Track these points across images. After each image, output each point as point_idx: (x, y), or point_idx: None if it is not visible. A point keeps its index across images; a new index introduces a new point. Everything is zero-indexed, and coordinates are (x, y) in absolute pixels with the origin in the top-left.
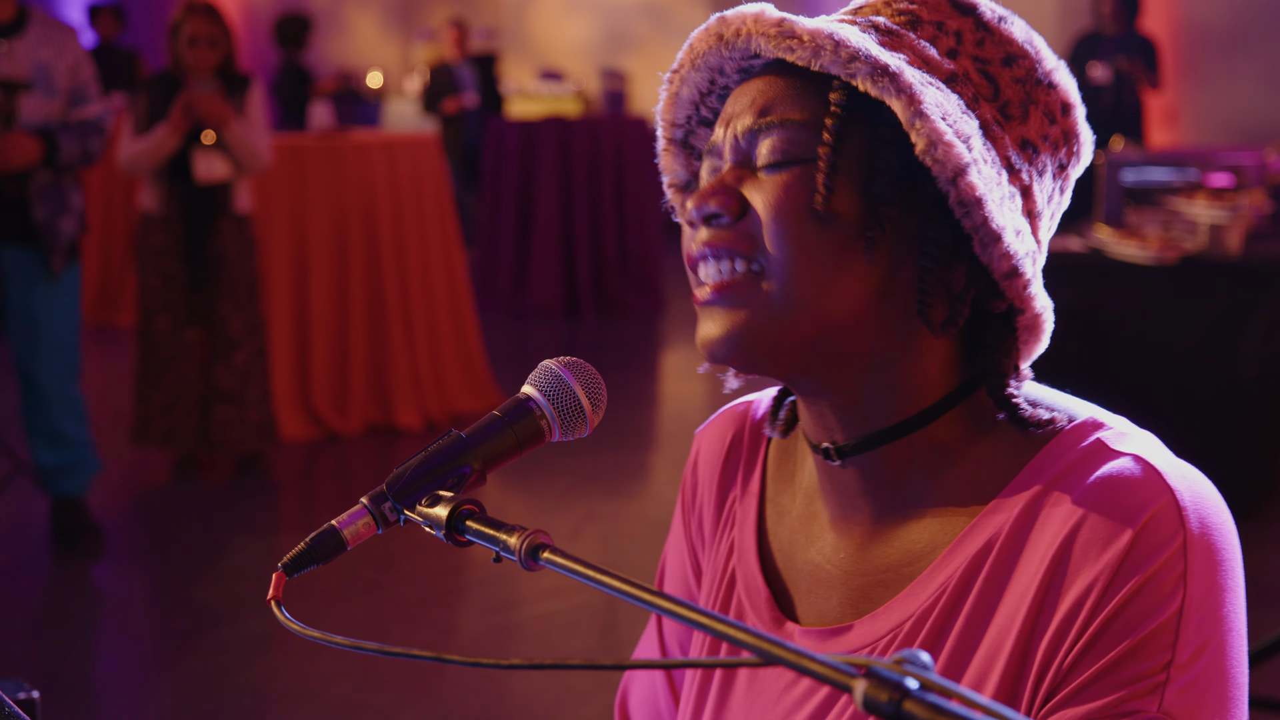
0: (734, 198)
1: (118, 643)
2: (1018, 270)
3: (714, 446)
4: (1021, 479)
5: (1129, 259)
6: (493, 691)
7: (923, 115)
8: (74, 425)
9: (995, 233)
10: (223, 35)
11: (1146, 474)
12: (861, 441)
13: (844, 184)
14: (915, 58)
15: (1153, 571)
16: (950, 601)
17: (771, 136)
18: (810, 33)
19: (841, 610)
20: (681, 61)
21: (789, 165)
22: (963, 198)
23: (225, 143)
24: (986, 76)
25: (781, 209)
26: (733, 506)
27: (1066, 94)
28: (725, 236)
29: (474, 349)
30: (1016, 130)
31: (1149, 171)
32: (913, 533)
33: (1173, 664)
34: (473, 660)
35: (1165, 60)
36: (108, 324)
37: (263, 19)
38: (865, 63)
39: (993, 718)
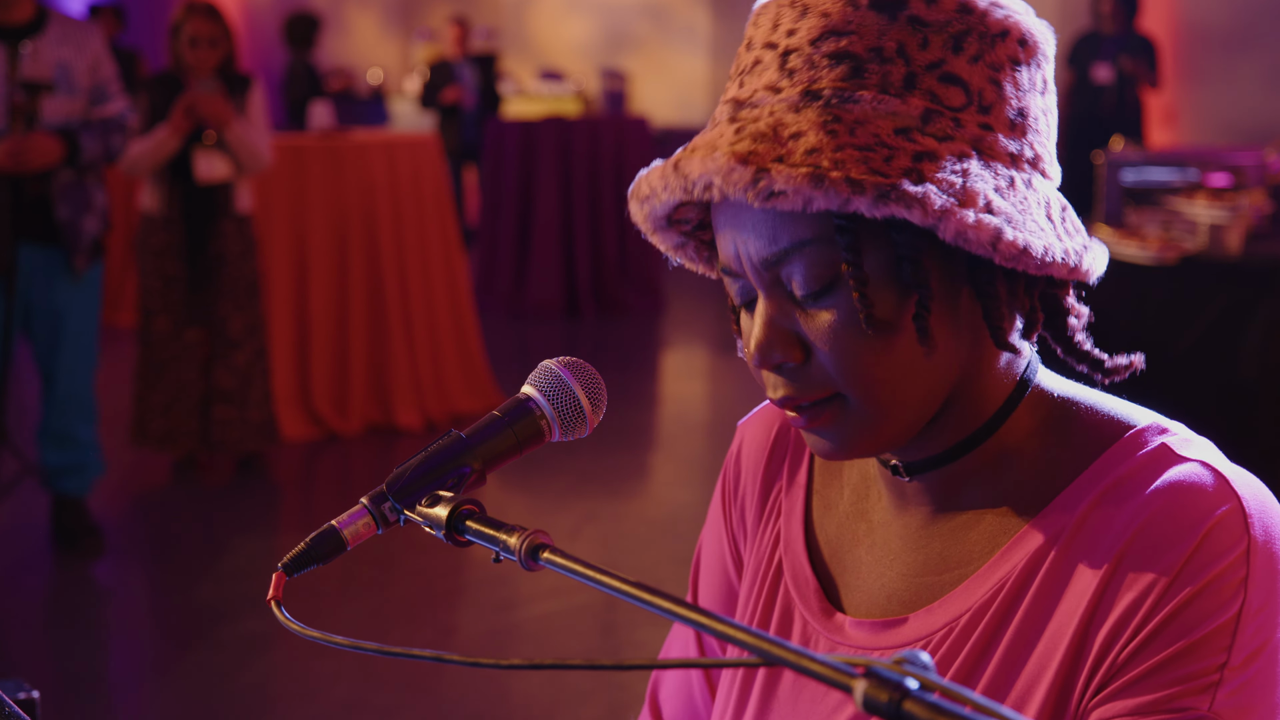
0: (793, 344)
1: (118, 642)
2: (1074, 264)
3: (759, 438)
4: (1084, 480)
5: (1129, 259)
6: (493, 691)
7: (942, 215)
8: (85, 427)
9: (1046, 260)
10: (223, 35)
11: (1213, 479)
12: (931, 460)
13: (879, 286)
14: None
15: (1215, 575)
16: (1009, 597)
17: (793, 264)
18: (790, 185)
19: (894, 604)
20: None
21: (825, 291)
22: (1006, 256)
23: (226, 143)
24: (949, 80)
25: (841, 344)
26: (778, 497)
27: (1016, 27)
28: (800, 384)
29: (474, 349)
30: (1001, 115)
31: (1149, 171)
32: (972, 533)
33: (1227, 665)
34: (473, 660)
35: (1165, 60)
36: (108, 324)
37: (264, 19)
38: (862, 197)
39: (992, 718)
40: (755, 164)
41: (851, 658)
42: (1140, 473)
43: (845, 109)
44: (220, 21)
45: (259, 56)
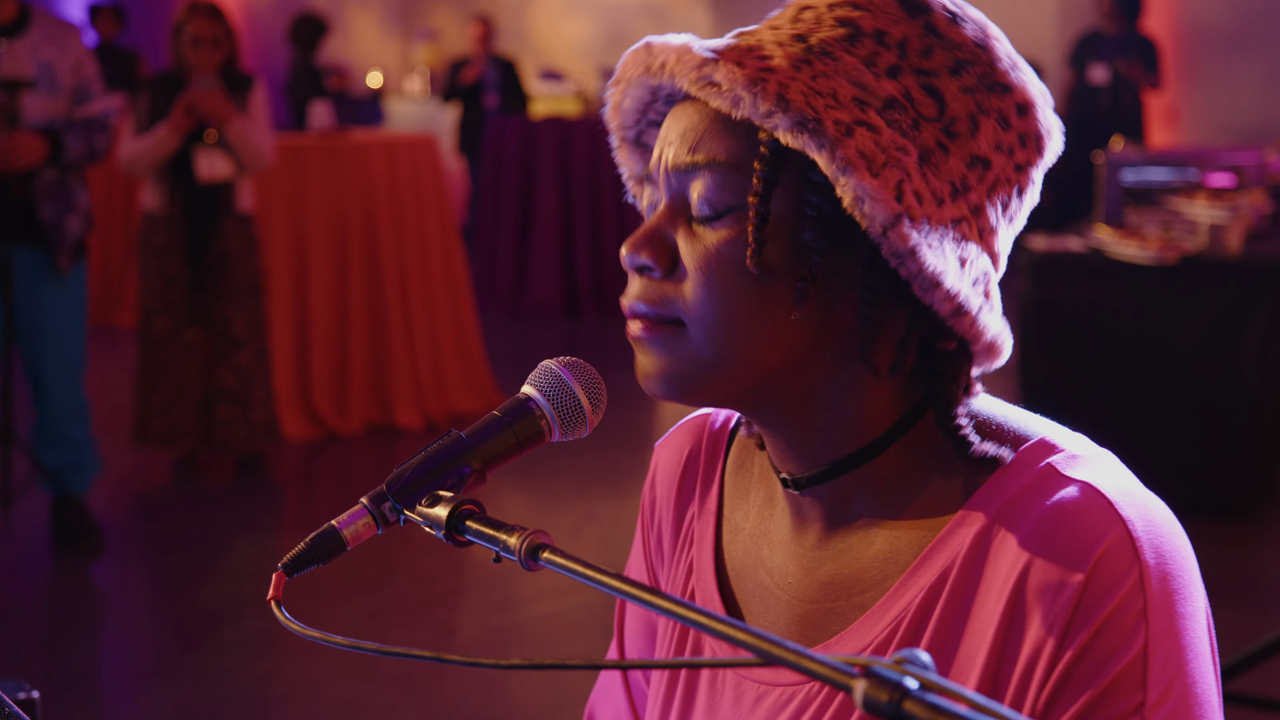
0: (664, 252)
1: (118, 642)
2: (965, 308)
3: (671, 461)
4: (972, 505)
5: (1129, 259)
6: (493, 691)
7: (847, 169)
8: (77, 426)
9: (934, 278)
10: (225, 35)
11: (1097, 504)
12: (816, 475)
13: (775, 233)
14: (849, 85)
15: (1111, 610)
16: (906, 636)
17: (701, 179)
18: (729, 79)
19: (792, 632)
20: (618, 76)
21: (719, 218)
22: (894, 249)
23: (227, 141)
24: (930, 92)
25: (711, 272)
26: (691, 524)
27: (1024, 93)
28: (654, 294)
29: (474, 349)
30: (965, 147)
31: (1149, 171)
32: (863, 560)
33: (1145, 705)
34: (473, 660)
35: (1165, 60)
36: (108, 324)
37: (266, 19)
38: (785, 115)
39: (993, 718)
40: (713, 57)
41: (851, 657)
42: (1026, 497)
43: (822, 59)
44: (222, 21)
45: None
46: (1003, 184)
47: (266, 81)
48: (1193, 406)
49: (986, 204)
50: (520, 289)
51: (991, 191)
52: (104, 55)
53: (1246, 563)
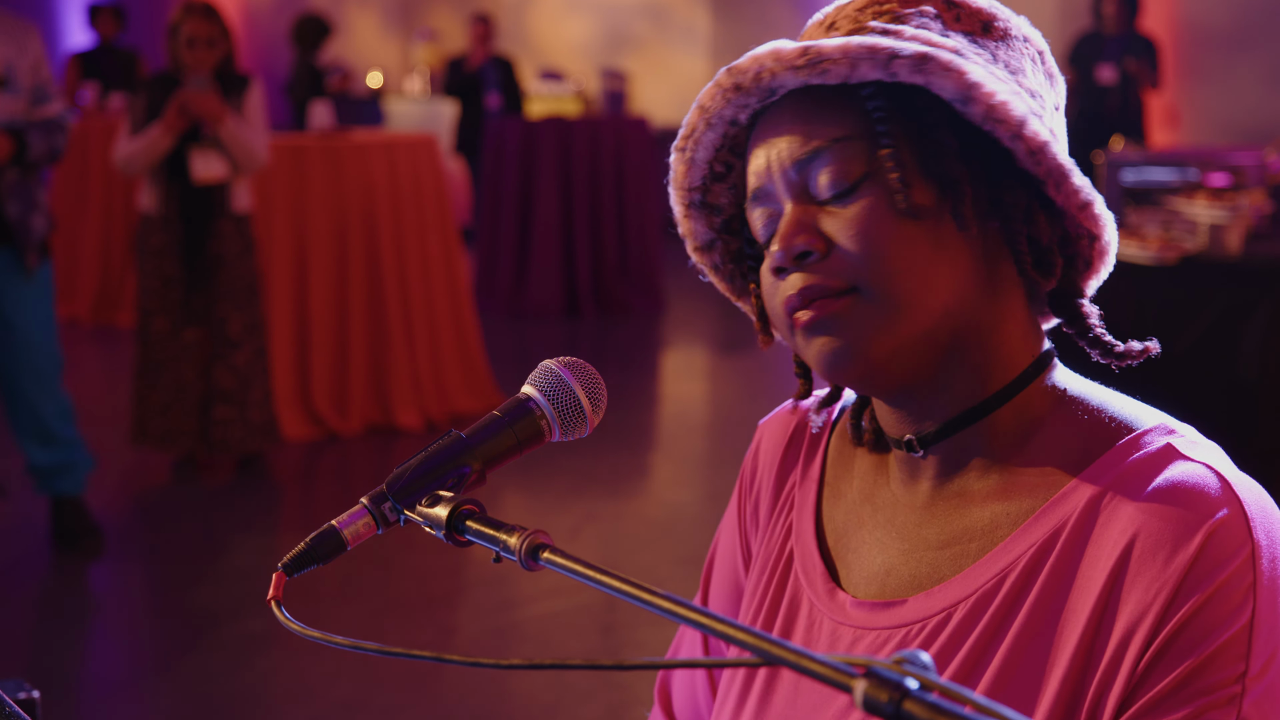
0: (818, 235)
1: (118, 643)
2: (1090, 199)
3: (776, 435)
4: (1090, 473)
5: (1129, 259)
6: (493, 691)
7: (973, 85)
8: (62, 424)
9: (1064, 170)
10: (221, 35)
11: (1215, 482)
12: (943, 428)
13: (914, 177)
14: (931, 37)
15: (1222, 582)
16: (1013, 592)
17: (825, 164)
18: (839, 50)
19: (896, 585)
20: (692, 124)
21: (853, 189)
22: (1030, 147)
23: (221, 141)
24: (978, 44)
25: (868, 233)
26: (792, 491)
27: (1036, 42)
28: (820, 277)
29: (474, 349)
30: (1021, 82)
31: (1149, 171)
32: (974, 512)
33: (1247, 674)
34: (473, 660)
35: (1165, 60)
36: (108, 324)
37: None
38: (904, 58)
39: (992, 718)
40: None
41: (851, 657)
42: (1144, 470)
43: (885, 28)
44: (218, 22)
45: (262, 57)
46: (1056, 115)
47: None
48: (1192, 407)
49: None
50: (520, 289)
51: (1054, 118)
52: (104, 55)
53: None
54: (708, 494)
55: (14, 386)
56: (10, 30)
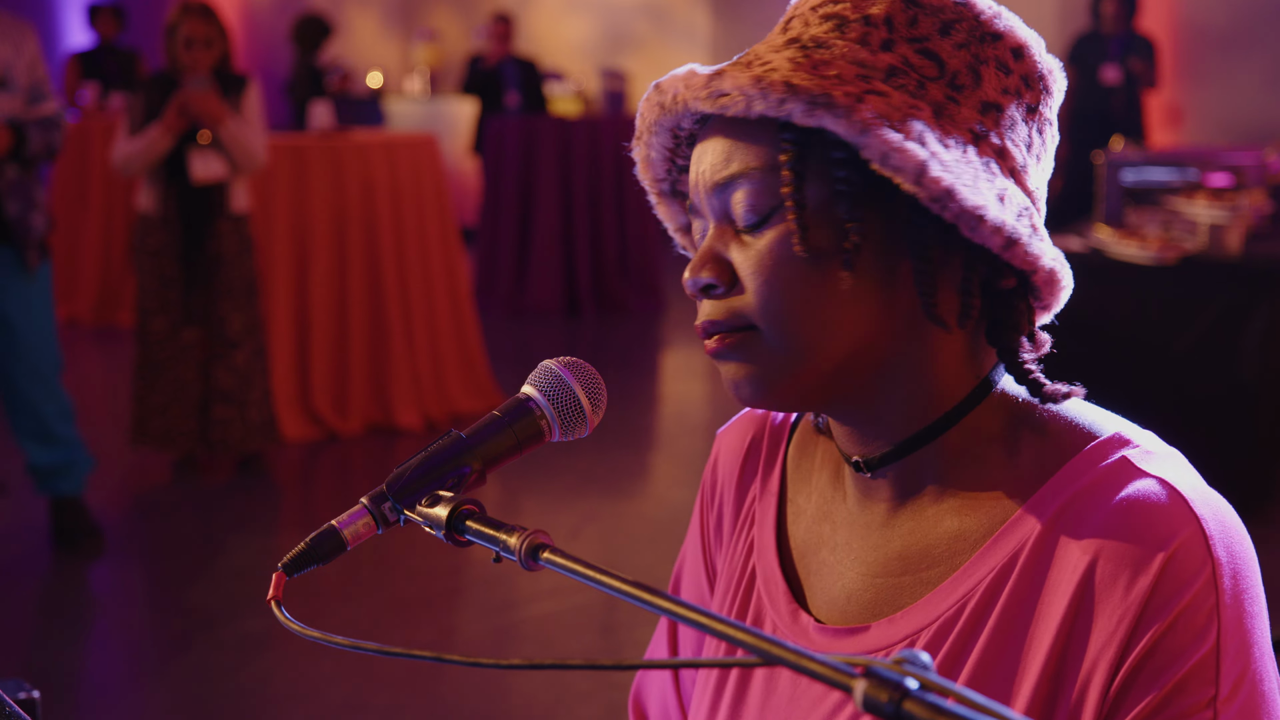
0: (722, 267)
1: (118, 642)
2: (1013, 237)
3: (734, 447)
4: (1046, 491)
5: (1129, 259)
6: (493, 691)
7: (866, 130)
8: (62, 424)
9: (975, 213)
10: (218, 36)
11: (1171, 500)
12: (891, 452)
13: (818, 218)
14: (849, 65)
15: (1185, 605)
16: (974, 615)
17: (738, 190)
18: (736, 85)
19: (858, 610)
20: (639, 129)
21: (763, 222)
22: (932, 194)
23: (220, 141)
24: (927, 55)
25: (767, 271)
26: (752, 505)
27: (1015, 37)
28: (721, 311)
29: (474, 349)
30: (973, 97)
31: (1149, 171)
32: (932, 535)
33: (1218, 698)
34: (473, 660)
35: (1165, 60)
36: (108, 324)
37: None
38: (795, 99)
39: (993, 718)
40: (716, 73)
41: (851, 657)
42: (1099, 489)
43: (817, 50)
44: (215, 22)
45: (262, 57)
46: (1019, 124)
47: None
48: (1192, 406)
49: (1008, 145)
50: (520, 289)
51: (1010, 132)
52: (104, 55)
53: None
54: None
55: (14, 386)
56: (6, 30)
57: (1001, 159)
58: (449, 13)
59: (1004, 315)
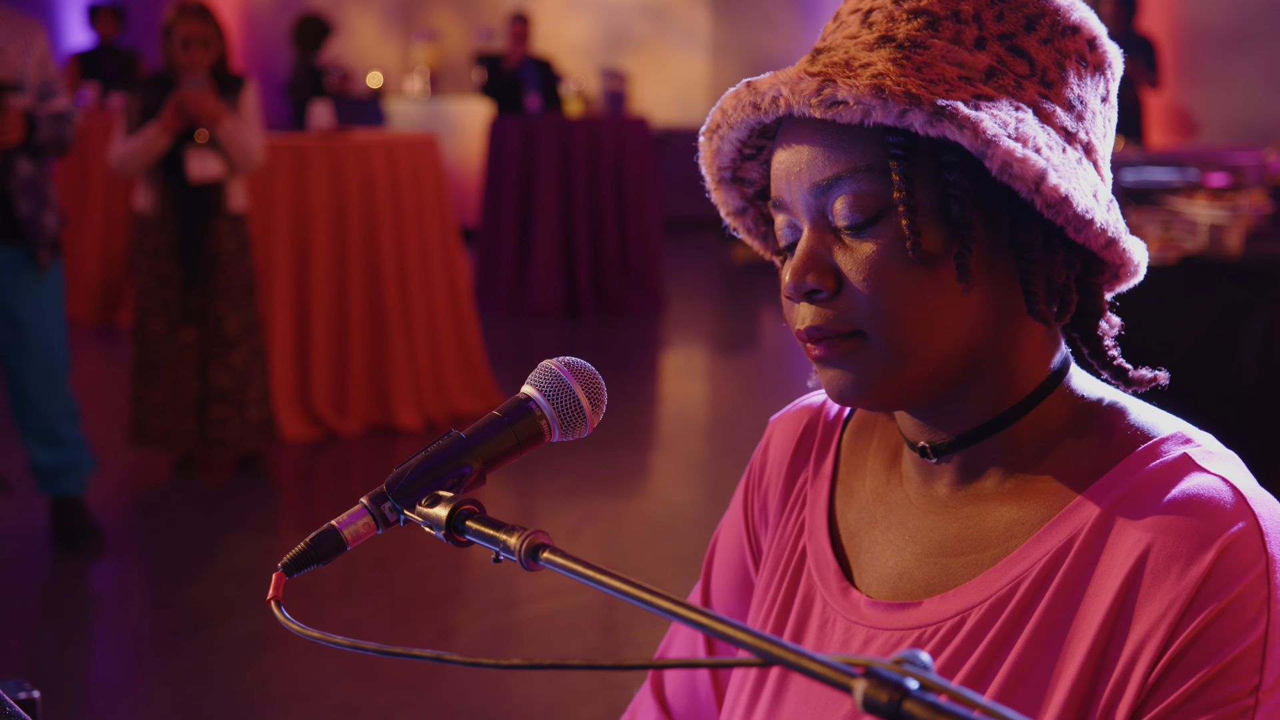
0: (828, 273)
1: (118, 642)
2: (1114, 236)
3: (787, 432)
4: (1105, 482)
5: None
6: (493, 691)
7: (990, 142)
8: (67, 425)
9: (1085, 218)
10: (215, 35)
11: (1230, 495)
12: (959, 439)
13: (926, 220)
14: (950, 67)
15: (1236, 595)
16: (1026, 597)
17: (843, 191)
18: (854, 94)
19: (911, 587)
20: (715, 122)
21: (871, 224)
22: (1049, 200)
23: (218, 141)
24: (1017, 52)
25: (877, 276)
26: (803, 488)
27: (1089, 29)
28: (827, 314)
29: (474, 349)
30: (1061, 95)
31: (1149, 171)
32: (989, 519)
33: (1260, 688)
34: (473, 660)
35: (1165, 60)
36: (109, 324)
37: (265, 19)
38: (918, 110)
39: (993, 718)
40: (823, 76)
41: (851, 657)
42: (1159, 480)
43: (916, 51)
44: (212, 22)
45: (262, 57)
46: (1098, 116)
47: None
48: (1192, 407)
49: (1094, 139)
50: (520, 289)
51: (1093, 125)
52: (103, 55)
53: None
54: (708, 494)
55: (21, 385)
56: (17, 28)
57: (1088, 153)
58: (449, 13)
59: (1087, 305)
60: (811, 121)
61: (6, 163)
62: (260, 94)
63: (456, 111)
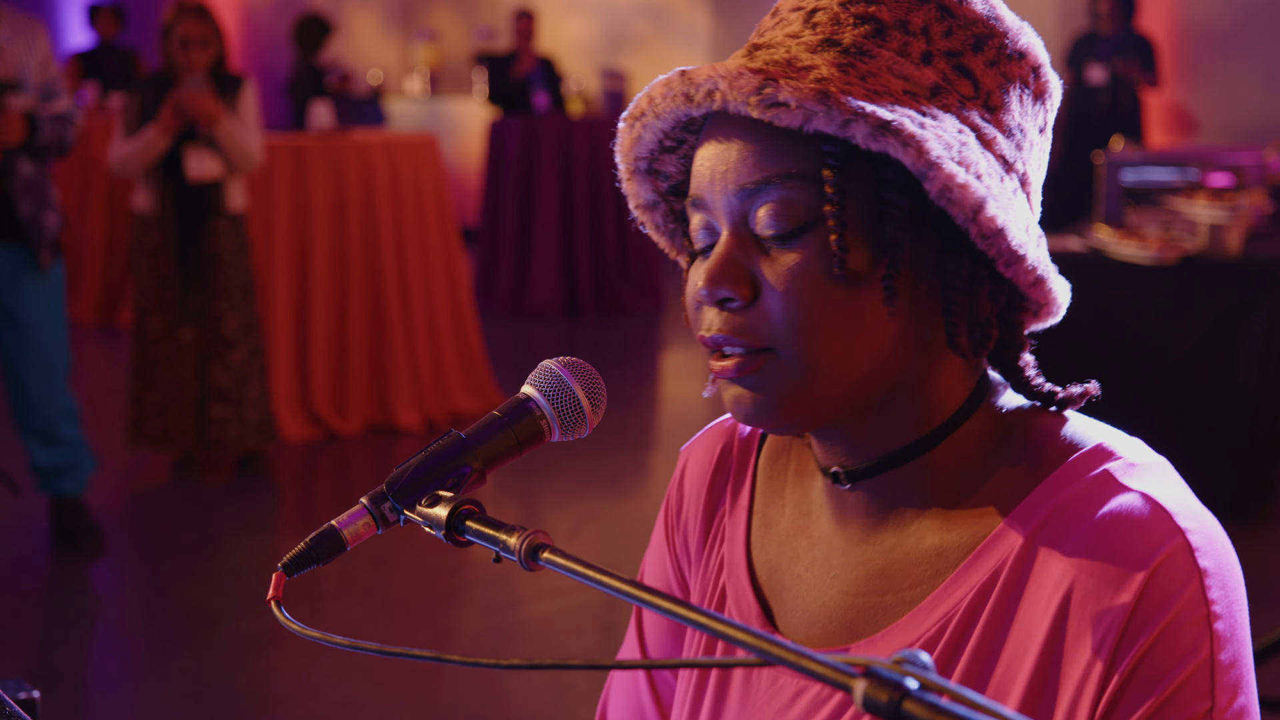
0: (745, 281)
1: (117, 642)
2: (1043, 276)
3: (701, 461)
4: (1028, 505)
5: (1129, 259)
6: (493, 691)
7: (933, 164)
8: (67, 425)
9: (1018, 253)
10: (214, 36)
11: (1154, 514)
12: (873, 465)
13: (855, 237)
14: (895, 80)
15: (1172, 616)
16: (956, 634)
17: (770, 198)
18: (798, 98)
19: (839, 629)
20: (640, 109)
21: (797, 235)
22: (985, 232)
23: (216, 141)
24: (963, 72)
25: (796, 290)
26: (721, 521)
27: (1034, 55)
28: (738, 324)
29: (474, 349)
30: (1003, 121)
31: (1149, 171)
32: (913, 553)
33: (1214, 709)
34: (473, 660)
35: (1165, 60)
36: (109, 324)
37: (265, 19)
38: (863, 122)
39: (993, 718)
40: (764, 74)
41: (851, 658)
42: (1080, 503)
43: (861, 59)
44: (210, 22)
45: (262, 56)
46: (1035, 147)
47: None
48: (1192, 407)
49: (1029, 171)
50: (520, 289)
51: (1029, 156)
52: (103, 55)
53: (1246, 563)
54: None
55: (23, 385)
56: (19, 29)
57: (1023, 185)
58: (449, 13)
59: (1007, 338)
60: (744, 120)
61: (8, 163)
62: (260, 94)
63: (456, 111)
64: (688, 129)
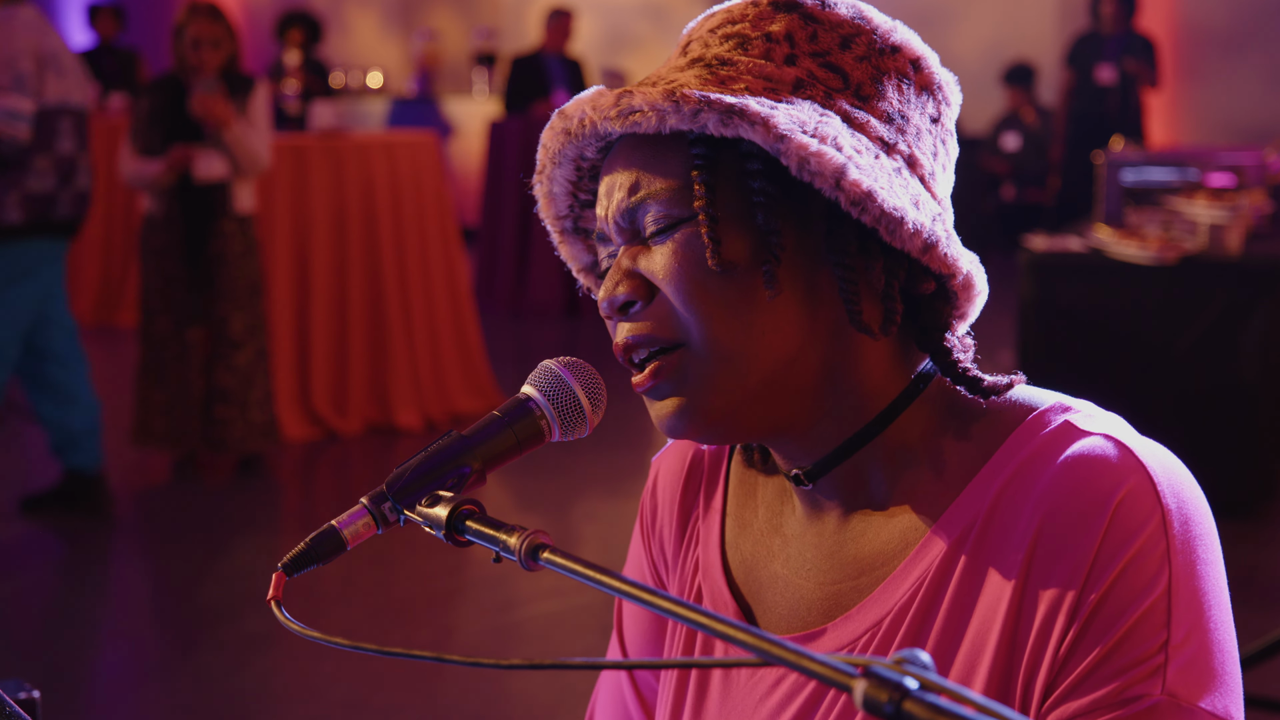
0: (638, 281)
1: (118, 642)
2: (931, 240)
3: (673, 469)
4: (991, 467)
5: (1129, 259)
6: (493, 691)
7: (783, 138)
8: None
9: (896, 216)
10: (226, 36)
11: (1117, 451)
12: (825, 460)
13: (731, 230)
14: (755, 80)
15: (1135, 551)
16: (928, 596)
17: (649, 209)
18: (648, 100)
19: (813, 614)
20: (541, 162)
21: (673, 229)
22: (852, 198)
23: (224, 144)
24: (830, 68)
25: (678, 274)
26: (695, 525)
27: (912, 49)
28: (644, 325)
29: (474, 349)
30: (877, 108)
31: (1149, 171)
32: (884, 534)
33: (1169, 643)
34: (473, 660)
35: (1165, 60)
36: (109, 324)
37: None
38: (710, 110)
39: (992, 718)
40: (622, 91)
41: (851, 657)
42: (1045, 451)
43: (723, 68)
44: (223, 23)
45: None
46: (924, 133)
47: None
48: (1192, 406)
49: (916, 152)
50: (520, 289)
51: (917, 141)
52: (103, 55)
53: (1246, 562)
54: None
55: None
56: None
57: (911, 166)
58: (449, 13)
59: (929, 320)
60: (626, 151)
61: None
62: (269, 96)
63: (456, 111)
64: (594, 179)
